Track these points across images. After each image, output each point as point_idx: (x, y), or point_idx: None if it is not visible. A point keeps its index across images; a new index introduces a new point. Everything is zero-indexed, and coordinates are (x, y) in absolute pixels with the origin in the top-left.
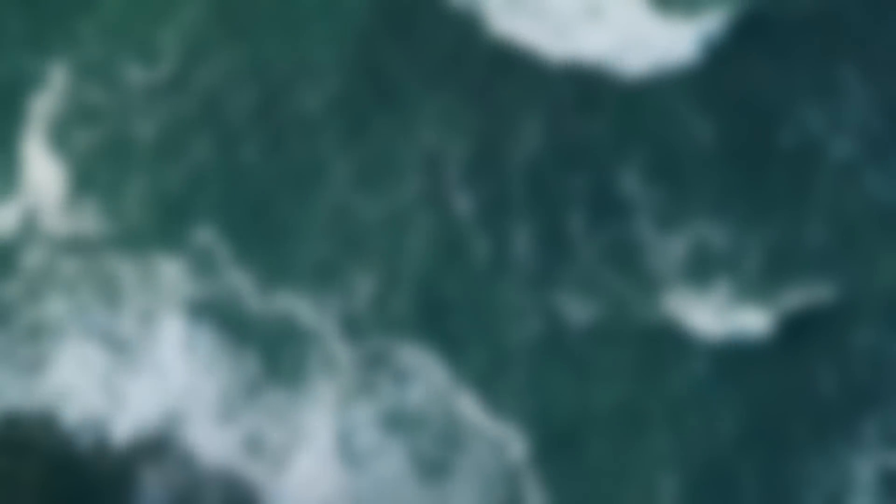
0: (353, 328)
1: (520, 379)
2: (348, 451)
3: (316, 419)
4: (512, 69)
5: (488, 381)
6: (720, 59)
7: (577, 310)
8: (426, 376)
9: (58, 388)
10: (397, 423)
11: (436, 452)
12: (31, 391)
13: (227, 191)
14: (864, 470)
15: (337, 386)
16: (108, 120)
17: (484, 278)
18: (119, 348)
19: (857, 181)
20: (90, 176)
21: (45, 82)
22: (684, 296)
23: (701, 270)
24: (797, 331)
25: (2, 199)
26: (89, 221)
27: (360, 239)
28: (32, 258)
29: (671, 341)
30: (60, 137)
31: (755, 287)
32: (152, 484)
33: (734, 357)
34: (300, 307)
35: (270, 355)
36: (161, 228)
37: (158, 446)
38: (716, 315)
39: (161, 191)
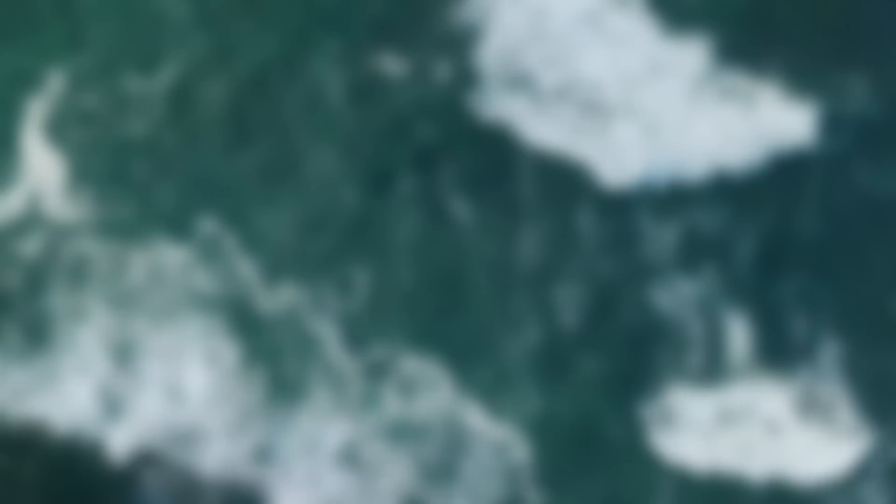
0: (355, 337)
1: (522, 385)
2: (353, 459)
3: (321, 427)
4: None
5: (492, 389)
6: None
7: (577, 311)
8: (429, 383)
9: (59, 386)
10: (402, 431)
11: (441, 460)
12: (31, 389)
13: (228, 183)
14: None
15: (342, 394)
16: (106, 113)
17: (485, 281)
18: (122, 345)
19: (848, 174)
20: (90, 165)
21: (43, 79)
22: (677, 288)
23: (693, 261)
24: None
25: (1, 190)
26: (90, 211)
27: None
28: (33, 248)
29: (667, 342)
30: (59, 127)
31: (746, 277)
32: (153, 485)
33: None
34: (303, 316)
35: (276, 362)
36: (163, 219)
37: (160, 447)
38: (706, 309)
39: (162, 181)
